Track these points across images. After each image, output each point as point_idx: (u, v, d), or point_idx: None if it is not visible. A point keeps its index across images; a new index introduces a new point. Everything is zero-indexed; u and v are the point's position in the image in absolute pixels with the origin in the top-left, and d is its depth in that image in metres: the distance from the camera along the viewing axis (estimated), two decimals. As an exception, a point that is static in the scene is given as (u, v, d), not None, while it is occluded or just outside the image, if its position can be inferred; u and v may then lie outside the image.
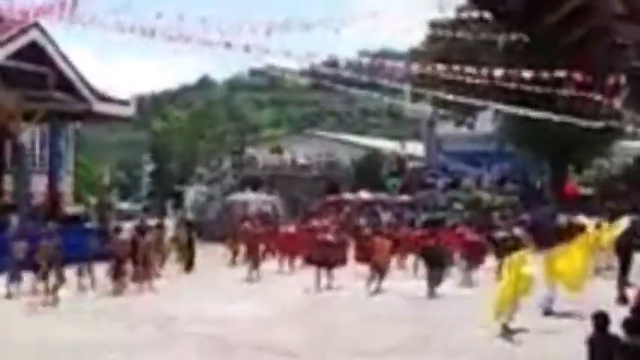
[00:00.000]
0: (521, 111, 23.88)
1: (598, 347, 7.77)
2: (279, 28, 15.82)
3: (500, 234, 19.96)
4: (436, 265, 17.36)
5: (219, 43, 15.15)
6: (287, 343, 12.29)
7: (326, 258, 18.29)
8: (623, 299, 14.79)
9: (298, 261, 21.44)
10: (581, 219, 22.62)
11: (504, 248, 17.09)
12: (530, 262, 13.75)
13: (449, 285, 17.88)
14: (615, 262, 17.54)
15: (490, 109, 28.68)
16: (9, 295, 16.45)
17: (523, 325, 13.03)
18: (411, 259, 20.93)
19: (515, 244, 16.59)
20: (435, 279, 17.08)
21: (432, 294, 16.83)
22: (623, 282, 16.21)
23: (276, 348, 12.07)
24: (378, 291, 17.35)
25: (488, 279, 17.73)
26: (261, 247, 21.55)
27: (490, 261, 19.45)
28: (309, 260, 19.39)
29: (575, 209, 29.07)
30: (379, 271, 17.71)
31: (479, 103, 26.03)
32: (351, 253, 20.25)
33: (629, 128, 28.26)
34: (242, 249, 22.18)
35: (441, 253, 18.04)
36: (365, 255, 19.12)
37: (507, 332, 12.80)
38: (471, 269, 19.15)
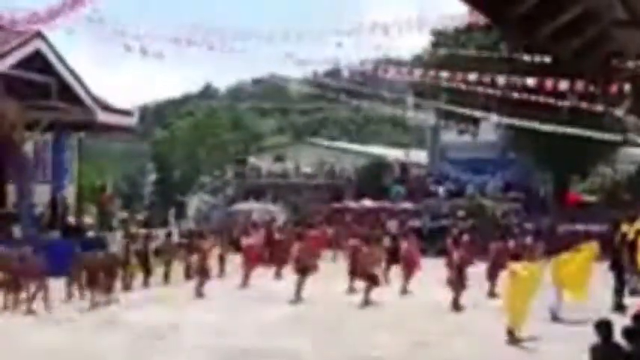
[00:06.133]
0: (525, 123, 23.87)
1: (601, 356, 7.71)
2: (283, 36, 15.83)
3: (512, 244, 19.75)
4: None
5: (223, 50, 15.17)
6: (289, 350, 12.26)
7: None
8: (619, 307, 14.79)
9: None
10: None
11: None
12: (536, 270, 13.68)
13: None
14: None
15: (493, 118, 28.63)
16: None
17: (527, 332, 12.98)
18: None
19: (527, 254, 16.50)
20: (459, 285, 16.64)
21: (456, 302, 16.36)
22: (619, 289, 16.07)
23: (278, 355, 12.04)
24: (367, 303, 16.93)
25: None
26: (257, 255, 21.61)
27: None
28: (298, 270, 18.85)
29: (577, 217, 29.00)
30: (371, 281, 17.37)
31: (481, 113, 26.00)
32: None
33: (633, 136, 28.21)
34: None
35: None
36: (354, 267, 18.69)
37: (514, 340, 12.74)
38: (494, 279, 18.33)
